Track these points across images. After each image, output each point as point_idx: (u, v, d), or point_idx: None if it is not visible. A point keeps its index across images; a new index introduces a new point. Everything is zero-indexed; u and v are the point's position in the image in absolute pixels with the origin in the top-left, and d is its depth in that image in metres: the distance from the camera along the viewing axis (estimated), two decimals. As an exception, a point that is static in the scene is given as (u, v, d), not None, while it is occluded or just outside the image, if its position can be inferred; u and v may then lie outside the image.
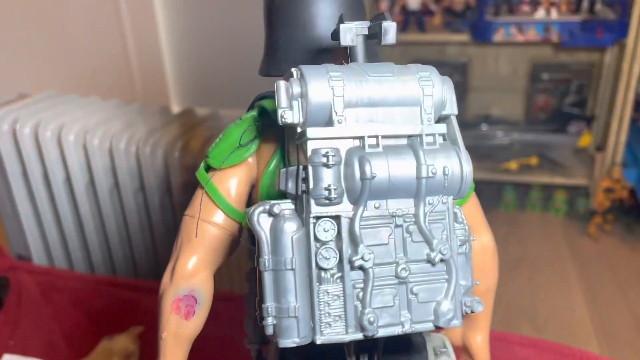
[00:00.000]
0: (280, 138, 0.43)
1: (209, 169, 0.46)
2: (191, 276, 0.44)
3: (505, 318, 1.48)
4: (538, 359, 0.93)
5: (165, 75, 2.34)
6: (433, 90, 0.36)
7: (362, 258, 0.34)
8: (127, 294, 1.15)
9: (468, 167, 0.36)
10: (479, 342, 0.55)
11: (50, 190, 1.19)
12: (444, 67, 2.03)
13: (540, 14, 1.69)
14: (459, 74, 2.03)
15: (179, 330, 0.43)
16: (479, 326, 0.54)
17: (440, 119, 0.38)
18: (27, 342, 1.03)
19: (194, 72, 2.36)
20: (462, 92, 2.05)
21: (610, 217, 1.76)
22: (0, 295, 1.12)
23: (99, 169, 1.11)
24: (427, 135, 0.36)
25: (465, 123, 2.07)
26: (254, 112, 0.45)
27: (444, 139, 0.38)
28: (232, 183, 0.45)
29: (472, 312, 0.38)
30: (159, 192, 1.11)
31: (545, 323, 1.45)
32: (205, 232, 0.44)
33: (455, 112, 0.38)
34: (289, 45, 0.44)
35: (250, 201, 0.47)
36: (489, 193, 2.04)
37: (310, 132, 0.34)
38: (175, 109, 2.25)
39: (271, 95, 0.43)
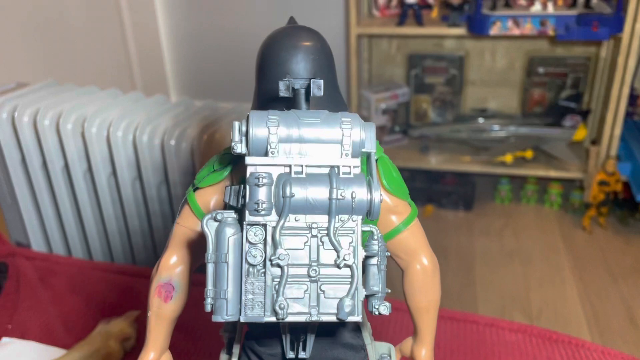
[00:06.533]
0: None
1: (197, 189, 0.58)
2: (171, 269, 0.55)
3: (499, 308, 1.49)
4: (527, 344, 0.94)
5: (164, 66, 2.35)
6: (352, 132, 0.47)
7: (279, 258, 0.44)
8: (124, 280, 1.16)
9: (376, 195, 0.45)
10: (424, 355, 0.61)
11: (49, 178, 1.20)
12: (441, 61, 2.04)
13: (536, 7, 1.70)
14: (456, 68, 2.03)
15: (159, 310, 0.54)
16: (423, 340, 0.60)
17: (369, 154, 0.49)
18: (25, 326, 1.05)
19: (193, 64, 2.37)
20: (459, 86, 2.06)
21: (604, 210, 1.78)
22: (-1, 281, 1.14)
23: (96, 156, 1.13)
24: (343, 166, 0.46)
25: (462, 116, 2.08)
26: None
27: (367, 169, 0.48)
28: (209, 198, 0.56)
29: (379, 314, 0.48)
30: (156, 180, 1.13)
31: (538, 313, 1.47)
32: (184, 235, 0.56)
33: (374, 150, 0.48)
34: (266, 96, 0.56)
35: None
36: (484, 186, 2.06)
37: (248, 159, 0.46)
38: (174, 100, 2.26)
39: None
